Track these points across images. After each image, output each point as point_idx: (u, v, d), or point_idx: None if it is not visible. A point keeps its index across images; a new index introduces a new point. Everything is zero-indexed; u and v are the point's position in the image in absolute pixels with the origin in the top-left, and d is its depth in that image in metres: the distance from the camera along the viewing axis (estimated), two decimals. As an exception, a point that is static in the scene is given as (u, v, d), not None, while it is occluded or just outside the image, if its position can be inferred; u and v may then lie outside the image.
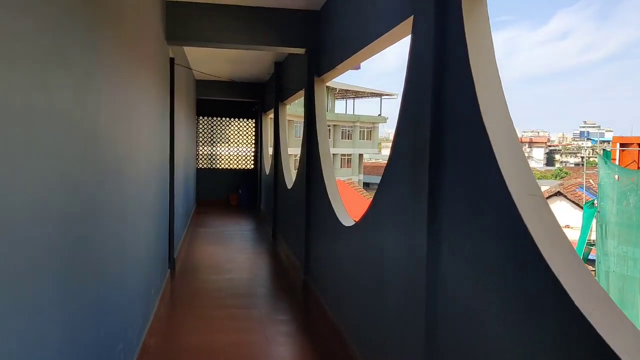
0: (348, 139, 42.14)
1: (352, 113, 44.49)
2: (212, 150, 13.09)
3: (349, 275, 3.82)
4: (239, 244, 8.08)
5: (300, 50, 5.43)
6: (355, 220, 3.83)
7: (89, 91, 2.15)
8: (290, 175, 7.60)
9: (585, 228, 13.74)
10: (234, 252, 7.41)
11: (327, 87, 33.94)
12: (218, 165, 13.14)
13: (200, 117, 12.83)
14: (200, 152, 12.97)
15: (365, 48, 3.66)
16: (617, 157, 20.36)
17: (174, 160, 6.19)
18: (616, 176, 12.69)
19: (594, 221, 13.08)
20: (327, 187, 4.68)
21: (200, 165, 12.93)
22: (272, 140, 8.80)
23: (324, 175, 4.82)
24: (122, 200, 2.97)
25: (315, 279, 5.14)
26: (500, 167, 1.81)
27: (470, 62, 2.01)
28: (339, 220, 4.09)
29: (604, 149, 15.24)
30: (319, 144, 5.05)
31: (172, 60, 5.90)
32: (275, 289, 5.68)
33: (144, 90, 3.82)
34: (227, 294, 5.35)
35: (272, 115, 11.19)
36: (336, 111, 42.04)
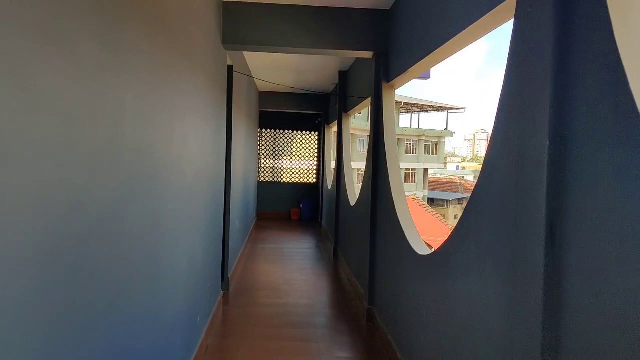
0: (413, 153, 40.99)
1: (417, 127, 43.28)
2: (274, 164, 12.85)
3: (422, 313, 3.17)
4: (298, 263, 7.60)
5: (368, 54, 4.89)
6: (430, 247, 3.19)
7: (106, 88, 1.73)
8: (354, 191, 7.03)
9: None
10: (292, 272, 6.93)
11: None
12: (280, 179, 12.87)
13: (263, 130, 12.66)
14: (262, 165, 12.78)
15: (447, 44, 3.05)
16: None
17: (231, 173, 5.84)
18: None
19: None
20: (396, 207, 4.06)
21: (262, 179, 12.72)
22: (335, 153, 8.30)
23: (392, 194, 4.21)
24: (157, 213, 2.55)
25: (381, 310, 4.51)
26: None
27: (620, 50, 1.36)
28: (412, 248, 3.46)
29: None
30: (387, 157, 4.46)
31: (230, 67, 5.59)
32: (336, 318, 5.10)
33: (193, 98, 3.44)
34: (284, 322, 4.84)
35: (335, 128, 10.74)
36: (401, 125, 41.06)
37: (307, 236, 10.14)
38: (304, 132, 12.74)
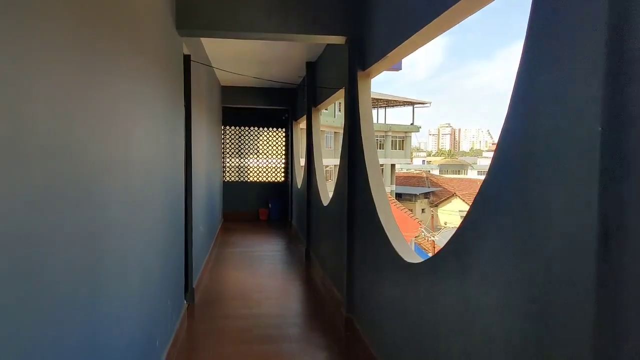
0: (380, 148, 41.04)
1: (383, 122, 43.33)
2: (240, 162, 12.28)
3: (413, 327, 2.79)
4: (268, 267, 7.14)
5: (340, 40, 4.47)
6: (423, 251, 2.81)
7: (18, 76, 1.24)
8: (326, 190, 6.63)
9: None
10: (263, 278, 6.46)
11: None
12: (246, 178, 12.31)
13: (227, 127, 12.06)
14: (228, 164, 12.19)
15: (436, 20, 2.67)
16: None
17: (192, 173, 5.32)
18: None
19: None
20: (377, 209, 3.67)
21: (228, 179, 12.14)
22: (304, 150, 7.86)
23: (372, 194, 3.81)
24: (95, 225, 2.06)
25: (361, 319, 4.12)
26: None
27: None
28: (398, 254, 3.07)
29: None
30: (365, 153, 4.06)
31: (187, 57, 5.06)
32: (312, 329, 4.68)
33: (140, 90, 2.93)
34: (255, 336, 4.38)
35: (303, 124, 10.31)
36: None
37: (276, 237, 9.67)
38: (270, 129, 12.22)
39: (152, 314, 3.24)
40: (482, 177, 2.05)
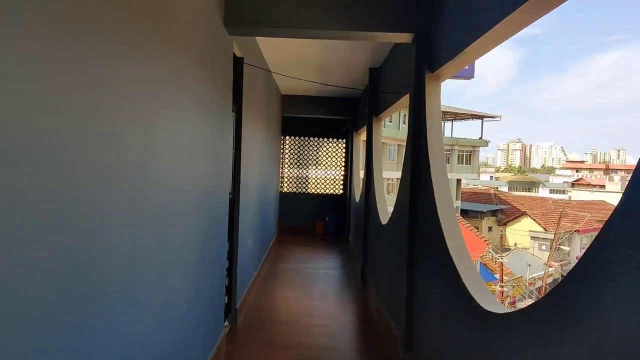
0: (446, 162, 39.39)
1: (449, 136, 41.71)
2: (298, 173, 11.94)
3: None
4: (321, 287, 6.62)
5: (406, 37, 3.92)
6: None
7: None
8: (385, 207, 6.03)
9: None
10: (314, 300, 5.96)
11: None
12: (304, 190, 11.93)
13: (286, 137, 11.77)
14: (286, 175, 11.89)
15: (520, 8, 2.06)
16: None
17: (241, 184, 4.95)
18: None
19: None
20: (445, 235, 3.05)
21: (286, 189, 11.82)
22: (364, 162, 7.32)
23: (439, 215, 3.20)
24: (87, 252, 1.65)
25: (422, 366, 3.49)
26: None
27: None
28: (472, 297, 2.44)
29: None
30: (432, 167, 3.45)
31: (239, 60, 4.72)
32: (364, 368, 4.09)
33: (171, 89, 2.55)
34: (298, 371, 3.88)
35: (364, 135, 9.77)
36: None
37: (332, 254, 9.16)
38: (330, 140, 11.79)
39: (175, 343, 2.82)
40: (554, 196, 1.41)
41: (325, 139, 11.80)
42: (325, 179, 11.92)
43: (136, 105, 2.04)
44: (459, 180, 40.68)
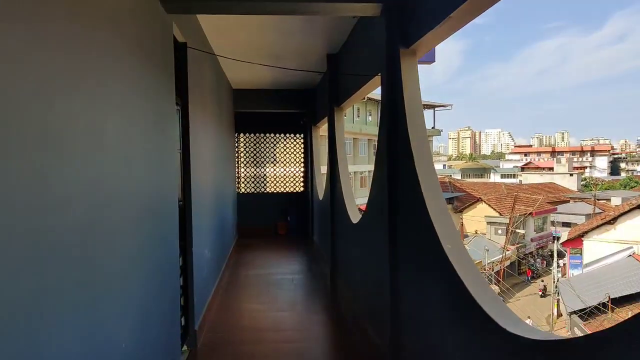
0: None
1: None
2: (255, 172, 11.26)
3: None
4: (288, 294, 6.07)
5: (373, 9, 3.42)
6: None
7: None
8: (354, 204, 5.54)
9: None
10: (281, 311, 5.39)
11: (375, 100, 31.53)
12: (263, 189, 11.28)
13: (241, 134, 11.06)
14: (242, 174, 11.18)
15: None
16: None
17: (192, 189, 4.31)
18: None
19: None
20: (439, 235, 2.58)
21: (243, 190, 11.13)
22: (327, 157, 6.80)
23: (430, 213, 2.72)
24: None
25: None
26: None
27: None
28: (490, 318, 1.97)
29: None
30: (416, 158, 2.97)
31: (182, 45, 4.07)
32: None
33: (85, 76, 1.92)
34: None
35: (324, 128, 9.27)
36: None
37: (297, 256, 8.61)
38: (287, 135, 11.18)
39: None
40: (506, 180, 0.96)
41: (282, 135, 11.18)
42: (285, 177, 11.31)
43: (26, 90, 1.42)
44: (415, 171, 40.95)
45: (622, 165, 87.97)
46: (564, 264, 26.88)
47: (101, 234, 2.03)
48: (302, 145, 11.15)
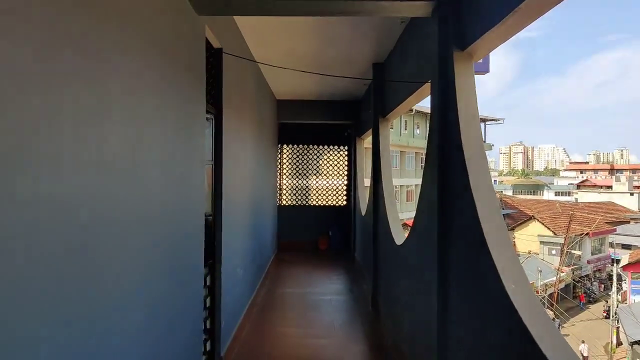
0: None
1: (452, 140, 40.77)
2: (298, 184, 11.00)
3: None
4: (327, 318, 5.68)
5: (424, 7, 3.04)
6: None
7: None
8: (399, 224, 5.10)
9: None
10: (318, 337, 5.01)
11: (424, 113, 30.76)
12: (305, 202, 10.99)
13: (284, 145, 10.86)
14: (285, 186, 10.96)
15: None
16: None
17: (223, 203, 4.05)
18: None
19: None
20: (499, 271, 2.14)
21: (285, 202, 10.89)
22: (371, 170, 6.40)
23: (485, 237, 2.28)
24: None
25: None
26: None
27: None
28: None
29: None
30: (470, 177, 2.54)
31: (217, 51, 3.84)
32: None
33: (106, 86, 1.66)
34: None
35: (368, 141, 8.91)
36: (435, 138, 38.67)
37: (337, 274, 8.21)
38: (331, 147, 10.87)
39: None
40: (560, 198, 0.50)
41: (326, 147, 10.89)
42: (328, 190, 10.98)
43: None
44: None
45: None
46: (625, 290, 24.86)
47: (102, 255, 1.75)
48: (346, 158, 10.81)
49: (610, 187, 54.81)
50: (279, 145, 10.69)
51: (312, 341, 4.90)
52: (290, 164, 10.95)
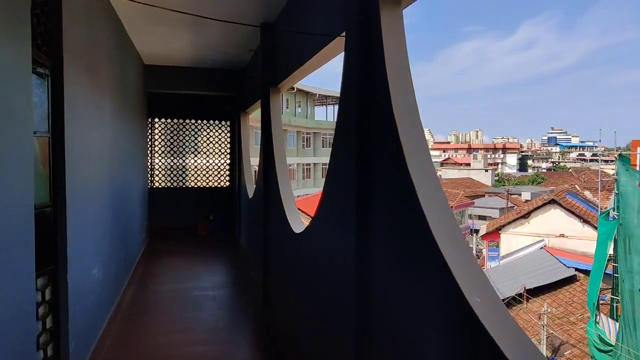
0: (330, 147, 39.23)
1: (333, 120, 41.58)
2: (172, 163, 9.75)
3: None
4: (210, 319, 4.87)
5: None
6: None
7: None
8: (295, 208, 4.48)
9: (603, 242, 11.80)
10: (198, 344, 4.21)
11: (305, 92, 30.97)
12: (182, 184, 9.82)
13: (157, 119, 9.50)
14: (157, 167, 9.64)
15: None
16: (639, 163, 18.78)
17: (69, 188, 3.01)
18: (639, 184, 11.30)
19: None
20: (443, 254, 1.61)
21: (158, 184, 9.60)
22: (260, 148, 5.65)
23: (431, 230, 1.74)
24: None
25: None
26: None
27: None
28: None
29: (620, 154, 13.08)
30: (403, 143, 1.97)
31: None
32: None
33: None
34: None
35: (254, 115, 8.16)
36: (316, 118, 39.07)
37: (220, 262, 7.38)
38: (211, 122, 9.79)
39: None
40: None
41: (205, 122, 9.78)
42: (207, 169, 9.94)
43: None
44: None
45: (529, 162, 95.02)
46: (483, 257, 27.85)
47: None
48: (228, 134, 9.85)
49: (468, 164, 61.10)
50: (150, 120, 9.33)
51: (192, 349, 4.09)
52: (163, 140, 9.65)
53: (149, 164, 9.36)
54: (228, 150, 9.86)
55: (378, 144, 2.22)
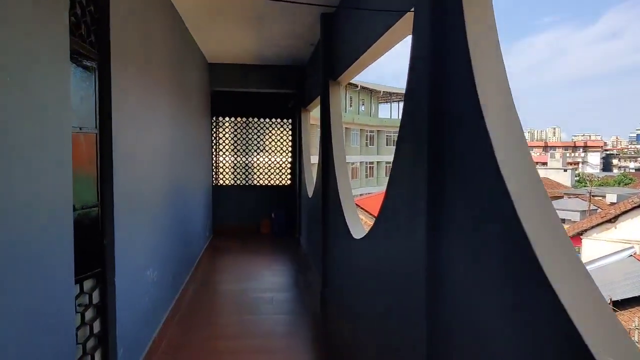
0: (393, 145, 38.33)
1: (397, 118, 40.61)
2: (236, 161, 9.77)
3: None
4: (266, 324, 4.67)
5: None
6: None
7: None
8: (355, 212, 4.14)
9: None
10: (255, 352, 4.00)
11: (368, 90, 30.42)
12: (247, 182, 9.80)
13: (221, 118, 9.54)
14: (222, 165, 9.69)
15: None
16: None
17: (117, 188, 2.88)
18: None
19: None
20: (561, 300, 1.20)
21: (222, 182, 9.65)
22: (319, 145, 5.37)
23: (535, 252, 1.34)
24: None
25: None
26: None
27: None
28: None
29: None
30: (495, 147, 1.58)
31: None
32: None
33: None
34: None
35: (315, 111, 7.88)
36: (380, 116, 38.33)
37: (280, 263, 7.20)
38: (274, 120, 9.68)
39: None
40: None
41: (269, 120, 9.69)
42: (270, 167, 9.85)
43: None
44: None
45: (615, 161, 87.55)
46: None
47: None
48: (290, 132, 9.70)
49: (545, 163, 57.39)
50: (214, 118, 9.39)
51: (247, 357, 3.88)
52: (228, 138, 9.69)
53: (213, 162, 9.43)
54: (290, 148, 9.72)
55: (458, 142, 1.83)
